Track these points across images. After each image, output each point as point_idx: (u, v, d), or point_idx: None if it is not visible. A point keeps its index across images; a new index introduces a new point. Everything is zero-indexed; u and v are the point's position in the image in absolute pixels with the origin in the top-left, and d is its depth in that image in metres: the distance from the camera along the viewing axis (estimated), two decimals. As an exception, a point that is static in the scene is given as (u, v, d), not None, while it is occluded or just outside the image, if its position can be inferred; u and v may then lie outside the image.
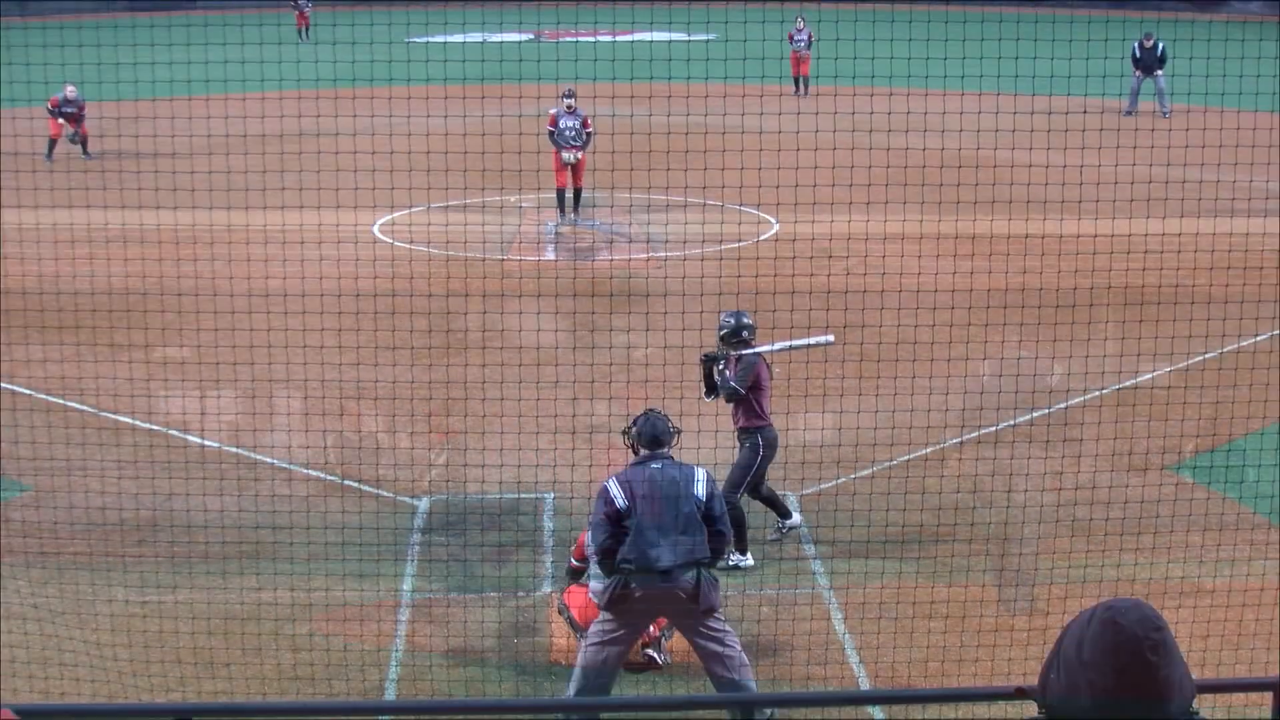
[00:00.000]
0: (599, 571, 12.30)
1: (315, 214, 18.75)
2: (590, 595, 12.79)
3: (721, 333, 15.57)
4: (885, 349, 18.73)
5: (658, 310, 19.16)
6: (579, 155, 29.97)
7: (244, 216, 27.69)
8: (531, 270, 24.70)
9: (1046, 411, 18.83)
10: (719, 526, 11.81)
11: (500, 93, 28.87)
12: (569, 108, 29.95)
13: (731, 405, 15.21)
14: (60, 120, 38.12)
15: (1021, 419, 18.62)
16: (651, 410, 12.43)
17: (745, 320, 15.65)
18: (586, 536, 12.59)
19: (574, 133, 30.07)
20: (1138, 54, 46.43)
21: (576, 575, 13.44)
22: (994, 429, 18.29)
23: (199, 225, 26.22)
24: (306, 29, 67.19)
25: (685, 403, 17.00)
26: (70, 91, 37.63)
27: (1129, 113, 44.93)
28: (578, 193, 30.61)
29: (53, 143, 37.78)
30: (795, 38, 48.14)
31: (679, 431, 12.45)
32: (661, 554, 11.60)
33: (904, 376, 17.87)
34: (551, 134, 30.27)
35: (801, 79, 47.73)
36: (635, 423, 12.34)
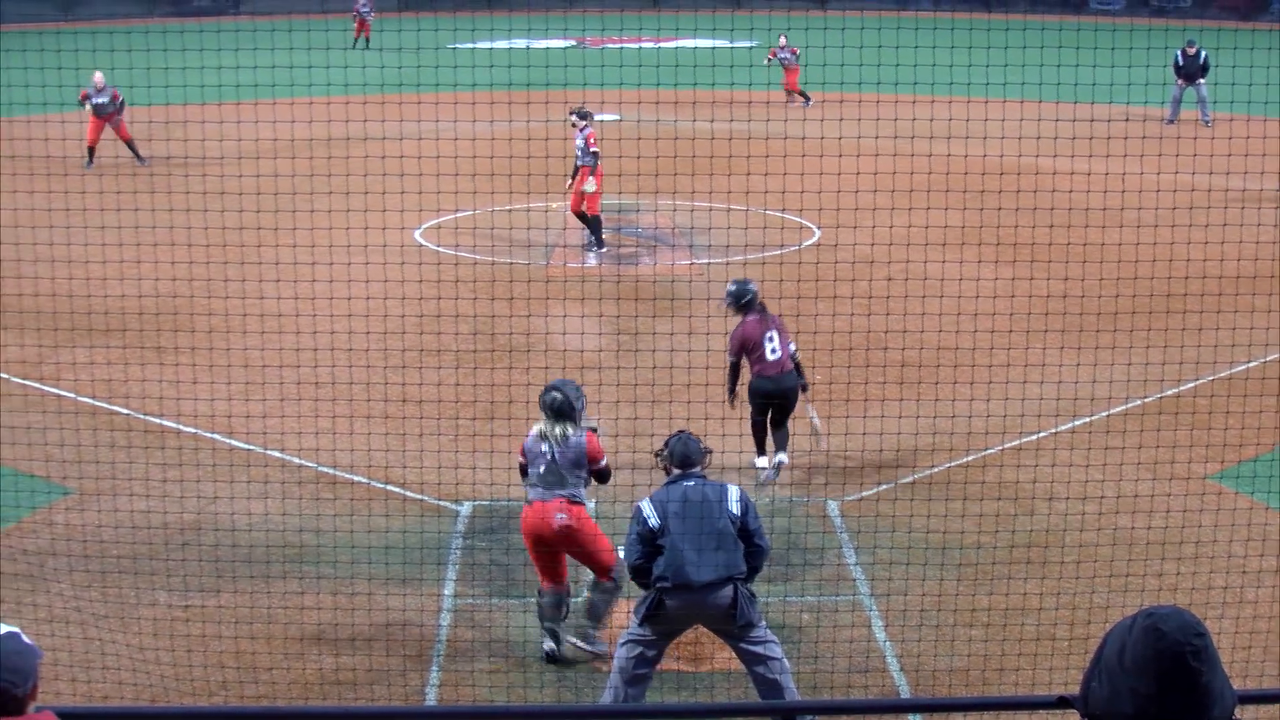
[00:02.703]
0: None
1: (360, 218, 18.70)
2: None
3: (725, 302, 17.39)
4: (926, 355, 18.60)
5: (700, 315, 19.08)
6: (574, 182, 29.11)
7: (289, 220, 27.69)
8: (574, 276, 24.61)
9: (1088, 420, 18.66)
10: (756, 542, 11.74)
11: (546, 98, 28.81)
12: (573, 124, 29.07)
13: None
14: (98, 117, 37.11)
15: (1063, 427, 18.46)
16: (683, 431, 12.46)
17: (748, 287, 17.37)
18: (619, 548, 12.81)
19: (579, 153, 29.00)
20: (1180, 62, 45.88)
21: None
22: (1035, 437, 18.13)
23: (246, 228, 26.21)
24: (366, 38, 66.13)
25: (726, 407, 16.93)
26: (99, 79, 36.75)
27: (1170, 121, 44.49)
28: (592, 221, 28.74)
29: (92, 150, 36.84)
30: (779, 54, 45.47)
31: (709, 452, 12.47)
32: (696, 570, 11.55)
33: (945, 383, 17.75)
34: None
35: (799, 92, 46.01)
36: (667, 444, 12.34)
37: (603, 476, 13.71)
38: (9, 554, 14.91)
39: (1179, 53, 45.94)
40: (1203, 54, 45.55)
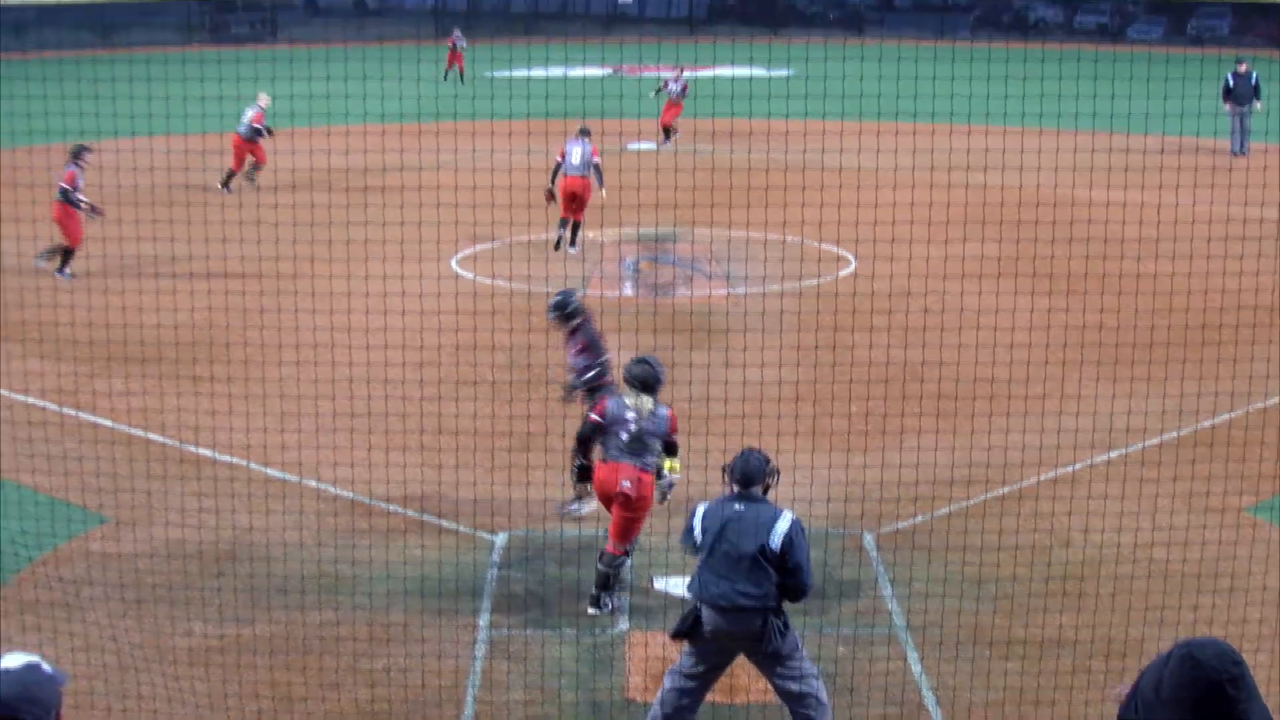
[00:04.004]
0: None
1: (396, 248, 18.73)
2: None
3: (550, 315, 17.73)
4: (963, 387, 18.55)
5: (736, 347, 19.07)
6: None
7: (325, 250, 27.77)
8: (610, 306, 24.62)
9: (1124, 451, 18.61)
10: (798, 579, 11.50)
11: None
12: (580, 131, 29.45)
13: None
14: (251, 141, 35.31)
15: (1099, 459, 18.40)
16: (750, 449, 12.04)
17: (571, 298, 17.69)
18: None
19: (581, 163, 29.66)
20: (1231, 84, 43.86)
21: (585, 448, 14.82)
22: (1071, 469, 18.08)
23: (282, 258, 26.29)
24: (460, 71, 62.85)
25: (763, 439, 16.91)
26: (264, 100, 35.37)
27: (1237, 152, 43.24)
28: (575, 225, 30.27)
29: (231, 174, 35.50)
30: (670, 86, 43.18)
31: (777, 473, 12.04)
32: (721, 592, 11.47)
33: (981, 415, 17.69)
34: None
35: (667, 128, 43.45)
36: (734, 461, 11.95)
37: (672, 449, 14.80)
38: (45, 581, 14.95)
39: (1229, 76, 44.09)
40: (1253, 75, 44.01)
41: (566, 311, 17.44)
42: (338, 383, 18.85)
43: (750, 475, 11.79)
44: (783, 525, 11.54)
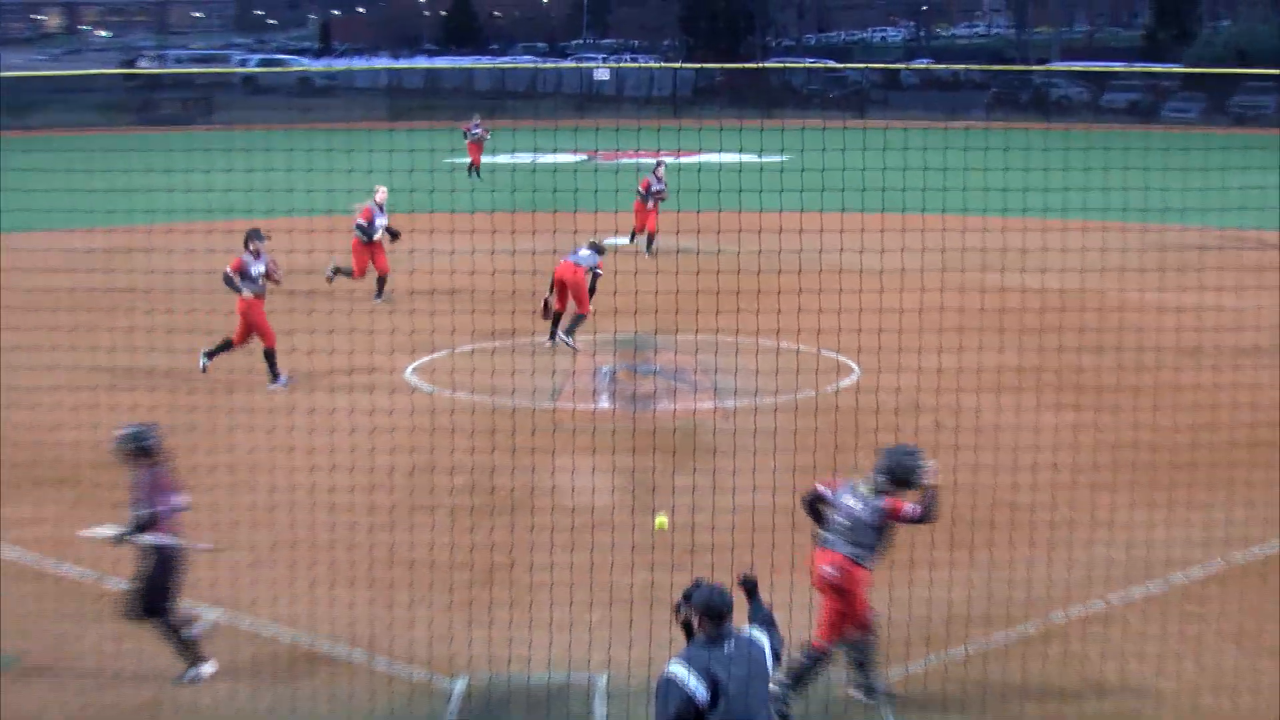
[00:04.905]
0: None
1: (345, 359, 18.71)
2: None
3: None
4: (981, 512, 18.51)
5: (725, 469, 19.01)
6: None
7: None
8: (584, 420, 24.56)
9: (1165, 585, 18.53)
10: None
11: (553, 223, 28.94)
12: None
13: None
14: (369, 243, 34.41)
15: (1137, 593, 18.32)
16: (702, 579, 11.64)
17: (147, 432, 16.42)
18: None
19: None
20: None
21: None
22: (1105, 604, 18.00)
23: (216, 367, 26.17)
24: (478, 169, 62.29)
25: (757, 568, 16.83)
26: (382, 195, 34.76)
27: None
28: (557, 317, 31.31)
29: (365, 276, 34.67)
30: (653, 187, 44.31)
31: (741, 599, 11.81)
32: None
33: (1002, 544, 17.64)
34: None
35: (650, 235, 44.46)
36: (687, 595, 11.49)
37: (925, 517, 15.23)
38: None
39: None
40: None
41: (138, 447, 16.42)
42: (276, 509, 18.76)
43: (723, 607, 11.26)
44: (767, 645, 11.35)
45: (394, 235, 35.10)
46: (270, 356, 27.22)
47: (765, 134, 30.44)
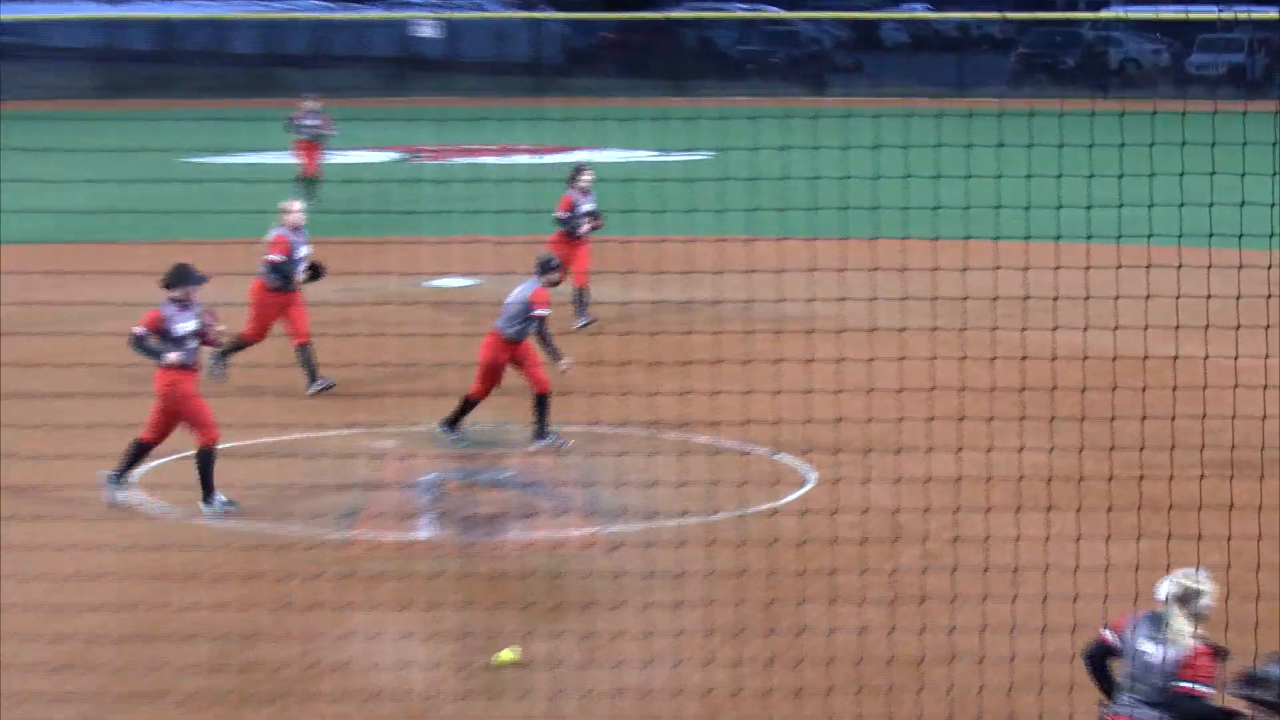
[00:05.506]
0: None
1: (37, 467, 18.53)
2: None
3: None
4: (995, 696, 18.56)
5: (606, 631, 18.95)
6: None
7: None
8: (391, 556, 24.43)
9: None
10: None
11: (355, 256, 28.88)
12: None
13: None
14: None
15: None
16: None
17: None
18: None
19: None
20: None
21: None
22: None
23: None
24: (312, 180, 61.44)
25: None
26: (296, 215, 34.70)
27: None
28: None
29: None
30: (580, 208, 44.23)
31: None
32: None
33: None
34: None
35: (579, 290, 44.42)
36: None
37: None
38: None
39: None
40: None
41: None
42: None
43: None
44: None
45: (316, 273, 33.97)
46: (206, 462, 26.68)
47: (673, 120, 30.43)
